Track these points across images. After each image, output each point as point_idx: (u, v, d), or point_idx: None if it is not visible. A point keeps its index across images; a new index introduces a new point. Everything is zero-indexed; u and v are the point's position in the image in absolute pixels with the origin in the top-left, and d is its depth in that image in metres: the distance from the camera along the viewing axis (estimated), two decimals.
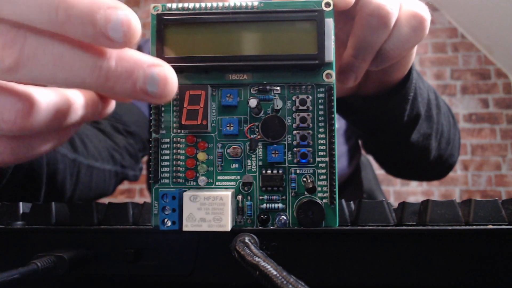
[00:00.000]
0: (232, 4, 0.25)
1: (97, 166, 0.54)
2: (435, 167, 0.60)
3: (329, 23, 0.25)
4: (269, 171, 0.25)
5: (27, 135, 0.22)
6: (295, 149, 0.25)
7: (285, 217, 0.25)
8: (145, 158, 0.72)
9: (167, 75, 0.20)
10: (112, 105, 0.27)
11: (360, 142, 0.75)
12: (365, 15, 0.31)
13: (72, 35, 0.19)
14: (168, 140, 0.26)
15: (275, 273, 0.18)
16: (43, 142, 0.23)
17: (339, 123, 0.74)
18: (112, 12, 0.18)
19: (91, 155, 0.53)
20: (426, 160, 0.56)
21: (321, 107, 0.25)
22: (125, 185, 2.16)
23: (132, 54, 0.20)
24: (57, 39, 0.19)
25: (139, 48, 0.82)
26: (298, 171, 0.25)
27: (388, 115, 0.45)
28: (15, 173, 0.39)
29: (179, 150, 0.25)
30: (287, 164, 0.25)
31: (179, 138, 0.25)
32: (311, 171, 0.25)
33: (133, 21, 0.18)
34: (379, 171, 0.82)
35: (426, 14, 0.32)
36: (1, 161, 0.22)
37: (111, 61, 0.20)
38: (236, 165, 0.25)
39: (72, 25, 0.18)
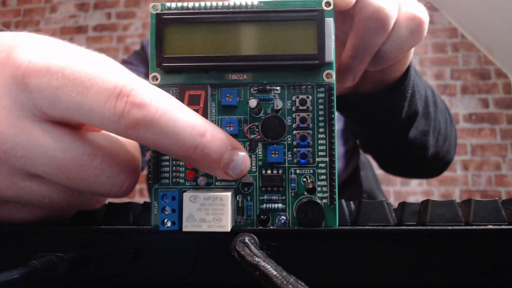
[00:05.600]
0: (232, 4, 0.25)
1: None
2: (432, 164, 0.60)
3: (329, 22, 0.25)
4: (269, 171, 0.25)
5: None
6: (295, 149, 0.25)
7: (285, 217, 0.25)
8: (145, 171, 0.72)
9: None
10: None
11: (358, 142, 0.75)
12: (364, 18, 0.31)
13: (198, 167, 0.23)
14: None
15: (275, 273, 0.18)
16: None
17: (337, 125, 0.73)
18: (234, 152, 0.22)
19: None
20: (423, 157, 0.56)
21: (321, 107, 0.25)
22: None
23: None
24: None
25: (143, 48, 0.82)
26: (298, 171, 0.25)
27: (386, 113, 0.45)
28: None
29: None
30: (287, 164, 0.25)
31: None
32: (311, 171, 0.25)
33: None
34: (379, 171, 0.81)
35: (424, 16, 0.32)
36: (58, 208, 0.25)
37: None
38: None
39: (204, 162, 0.22)
